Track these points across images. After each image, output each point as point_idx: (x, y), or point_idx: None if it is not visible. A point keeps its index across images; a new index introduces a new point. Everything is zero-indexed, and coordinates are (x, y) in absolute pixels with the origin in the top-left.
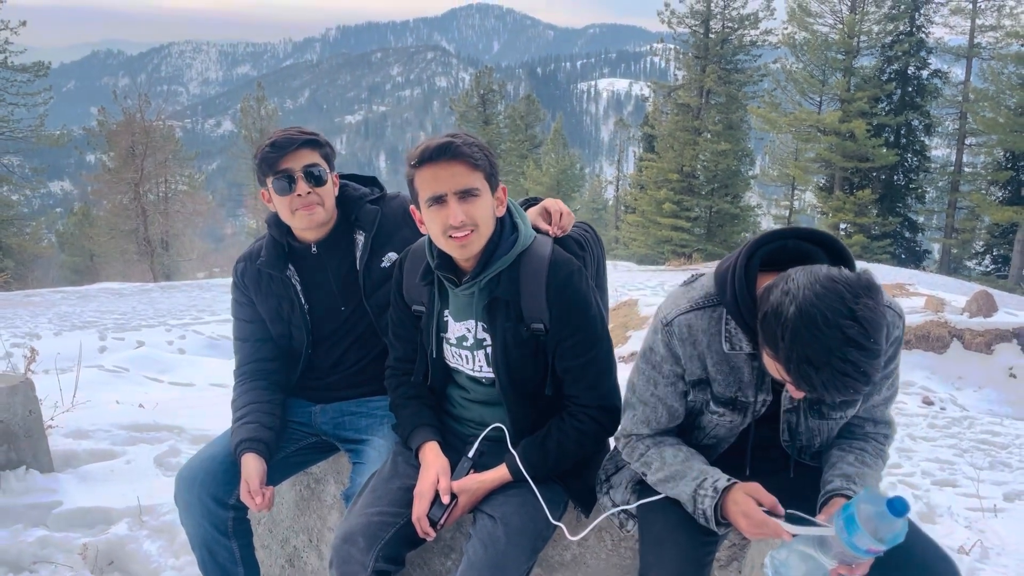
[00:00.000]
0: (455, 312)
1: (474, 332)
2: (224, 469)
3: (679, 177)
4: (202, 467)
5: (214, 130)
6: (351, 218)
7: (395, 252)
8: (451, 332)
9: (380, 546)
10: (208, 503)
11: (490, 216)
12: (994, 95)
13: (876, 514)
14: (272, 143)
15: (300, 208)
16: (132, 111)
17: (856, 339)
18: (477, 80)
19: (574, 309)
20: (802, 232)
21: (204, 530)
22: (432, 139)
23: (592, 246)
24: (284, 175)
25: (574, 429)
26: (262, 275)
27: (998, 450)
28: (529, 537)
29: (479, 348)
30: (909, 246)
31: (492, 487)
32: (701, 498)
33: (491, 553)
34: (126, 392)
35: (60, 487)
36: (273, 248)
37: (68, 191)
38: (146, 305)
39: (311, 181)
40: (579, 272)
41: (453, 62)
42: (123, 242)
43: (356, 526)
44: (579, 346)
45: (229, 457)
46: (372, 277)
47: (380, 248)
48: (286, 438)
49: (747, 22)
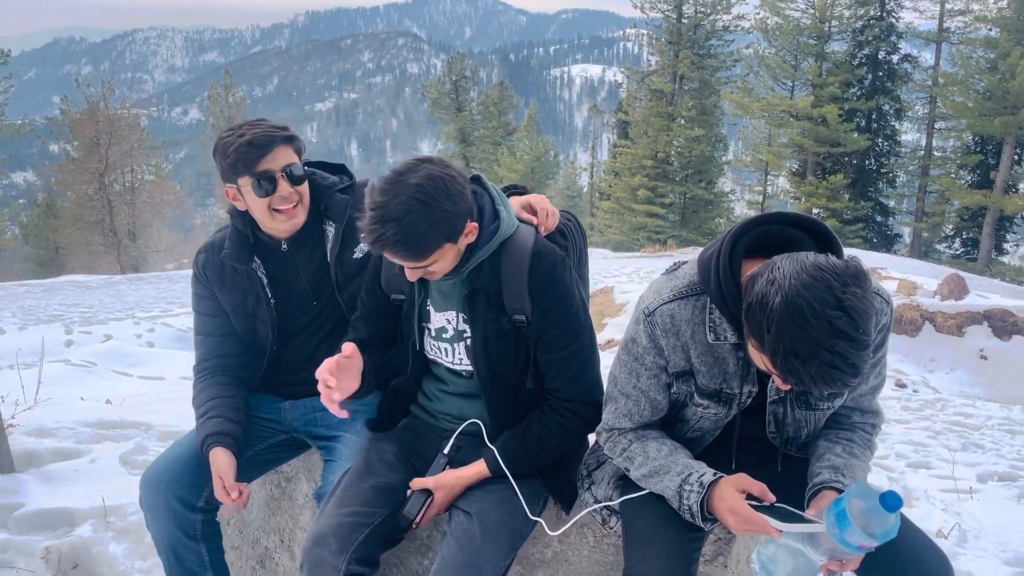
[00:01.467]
0: (436, 302)
1: (455, 323)
2: (191, 470)
3: (653, 163)
4: (168, 469)
5: (181, 118)
6: (320, 208)
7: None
8: (432, 323)
9: (353, 548)
10: (175, 506)
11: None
12: (963, 79)
13: (868, 509)
14: (250, 142)
15: (281, 211)
16: (96, 99)
17: (844, 330)
18: (449, 66)
19: (557, 300)
20: (787, 217)
21: (171, 534)
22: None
23: (575, 236)
24: (265, 176)
25: (556, 424)
26: (225, 267)
27: (971, 431)
28: (507, 534)
29: (459, 340)
30: (881, 230)
31: (470, 483)
32: (687, 494)
33: (466, 551)
34: (94, 387)
35: (21, 488)
36: (237, 239)
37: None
38: (113, 298)
39: (292, 181)
40: (562, 262)
41: (425, 48)
42: (89, 233)
43: (327, 527)
44: (561, 338)
45: (196, 457)
46: (344, 270)
47: (351, 239)
48: (254, 435)
49: (719, 7)
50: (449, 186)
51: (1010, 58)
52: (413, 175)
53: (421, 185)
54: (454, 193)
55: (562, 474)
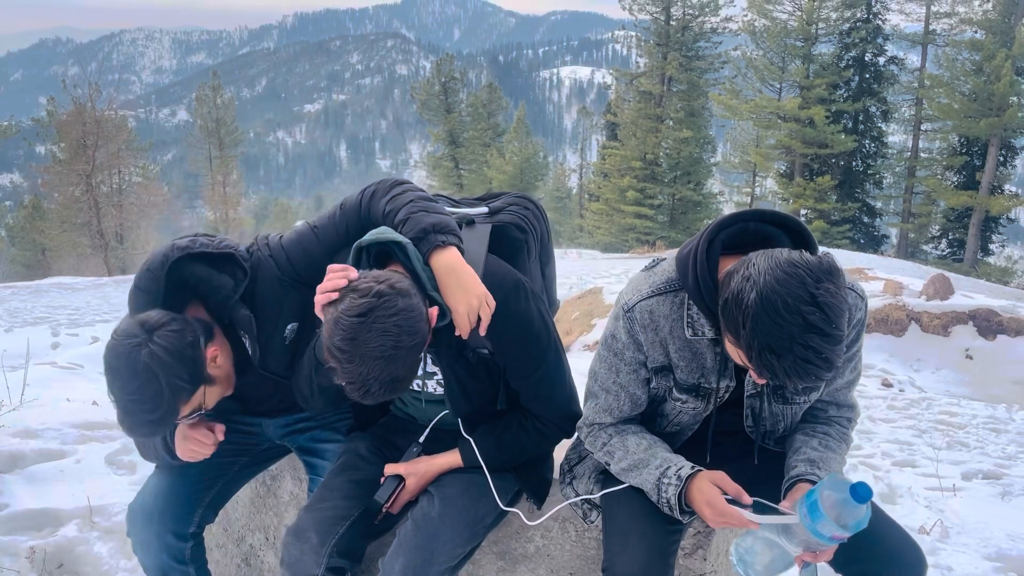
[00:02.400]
0: None
1: (422, 366)
2: (182, 502)
3: (642, 165)
4: (155, 503)
5: (169, 120)
6: (224, 322)
7: (292, 321)
8: None
9: (334, 541)
10: (168, 539)
11: None
12: (949, 81)
13: (839, 501)
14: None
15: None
16: (82, 100)
17: (818, 325)
18: (438, 68)
19: (514, 331)
20: (763, 214)
21: (162, 562)
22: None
23: (533, 224)
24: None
25: (535, 429)
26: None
27: (956, 430)
28: (467, 521)
29: (429, 378)
30: (868, 231)
31: (441, 470)
32: (665, 487)
33: (421, 534)
34: (80, 389)
35: (6, 489)
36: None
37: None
38: (100, 300)
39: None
40: (514, 290)
41: (413, 50)
42: (75, 235)
43: (307, 522)
44: (527, 365)
45: (185, 487)
46: (279, 362)
47: (272, 335)
48: (235, 452)
49: (707, 9)
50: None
51: (995, 60)
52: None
53: (388, 332)
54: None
55: (536, 470)
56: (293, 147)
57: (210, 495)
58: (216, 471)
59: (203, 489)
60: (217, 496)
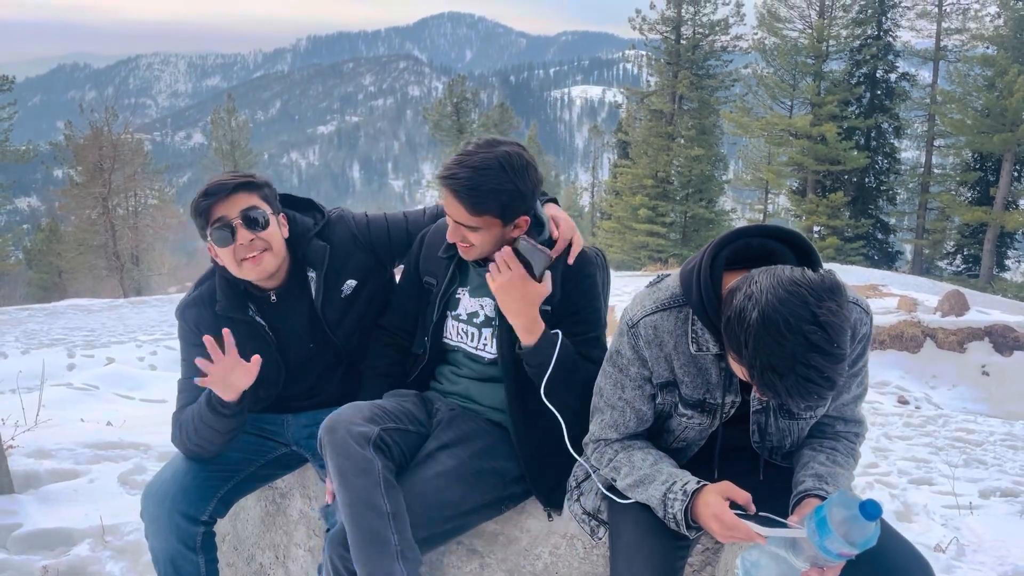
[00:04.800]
0: (472, 288)
1: (487, 310)
2: (196, 484)
3: (654, 183)
4: (172, 482)
5: (184, 143)
6: (299, 255)
7: (353, 279)
8: (462, 308)
9: (384, 425)
10: (178, 520)
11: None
12: (961, 97)
13: (848, 517)
14: (204, 191)
15: (246, 259)
16: (99, 125)
17: (819, 344)
18: (450, 89)
19: (582, 292)
20: (766, 230)
21: (172, 546)
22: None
23: (603, 265)
24: (222, 224)
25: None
26: (221, 320)
27: (973, 447)
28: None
29: (488, 326)
30: (881, 247)
31: (528, 318)
32: (671, 502)
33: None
34: (95, 410)
35: (20, 508)
36: (228, 290)
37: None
38: (116, 321)
39: (251, 227)
40: (593, 259)
41: (426, 71)
42: (92, 257)
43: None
44: (581, 325)
45: (200, 470)
46: (334, 312)
47: (335, 282)
48: (253, 452)
49: (717, 28)
50: (529, 173)
51: (1007, 76)
52: (506, 146)
53: (509, 155)
54: (530, 179)
55: (550, 475)
56: (307, 168)
57: (224, 489)
58: (233, 465)
59: (219, 480)
60: (230, 492)
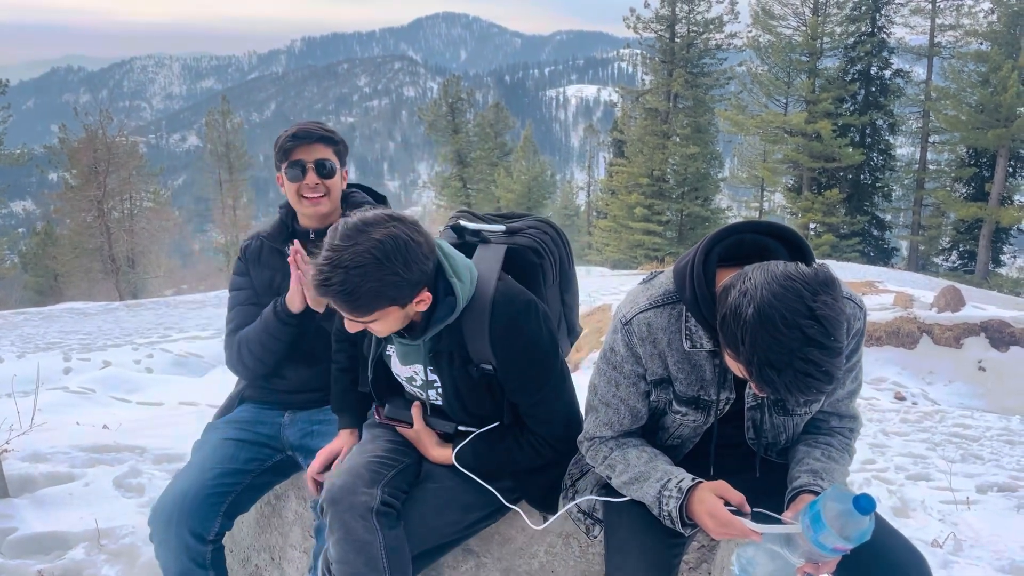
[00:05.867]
0: (400, 356)
1: (422, 375)
2: (199, 504)
3: (649, 181)
4: (177, 504)
5: (179, 145)
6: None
7: None
8: (398, 369)
9: (385, 481)
10: (188, 540)
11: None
12: (955, 93)
13: (842, 512)
14: (292, 134)
15: (307, 197)
16: (94, 128)
17: (816, 338)
18: (445, 89)
19: (520, 350)
20: (759, 226)
21: (183, 564)
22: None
23: (551, 249)
24: (297, 164)
25: (530, 446)
26: (264, 247)
27: (969, 443)
28: (448, 520)
29: (430, 388)
30: (877, 244)
31: (433, 460)
32: (666, 499)
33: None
34: (92, 413)
35: (15, 513)
36: (279, 225)
37: (30, 210)
38: (112, 324)
39: (321, 173)
40: (524, 309)
41: (420, 72)
42: (87, 261)
43: (356, 463)
44: (528, 385)
45: (204, 490)
46: None
47: None
48: (252, 461)
49: (712, 26)
50: (410, 252)
51: (1001, 71)
52: (377, 230)
53: (382, 243)
54: (412, 260)
55: (538, 478)
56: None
57: (227, 503)
58: (231, 478)
59: (221, 495)
60: (232, 505)
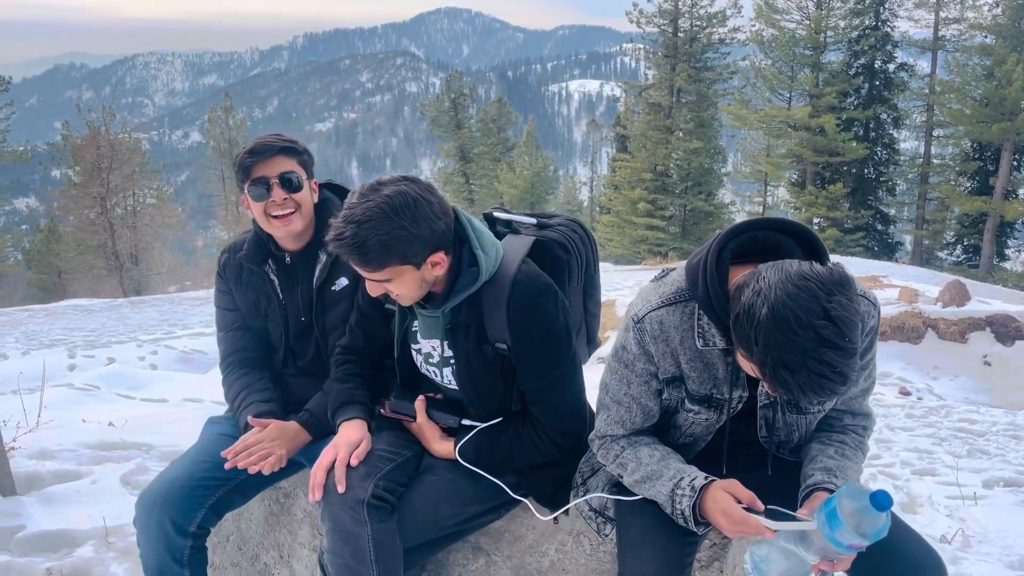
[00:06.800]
0: (422, 329)
1: (439, 350)
2: (185, 494)
3: (652, 176)
4: (163, 490)
5: (182, 141)
6: (320, 233)
7: (347, 279)
8: (421, 343)
9: (381, 473)
10: (167, 529)
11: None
12: (960, 87)
13: (859, 509)
14: (250, 149)
15: (276, 216)
16: (97, 125)
17: (831, 339)
18: (447, 84)
19: (535, 331)
20: (773, 222)
21: (159, 556)
22: None
23: (579, 247)
24: (260, 182)
25: (529, 440)
26: (243, 268)
27: (975, 438)
28: (446, 512)
29: (446, 365)
30: (882, 238)
31: (433, 449)
32: (679, 498)
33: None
34: (96, 410)
35: (23, 510)
36: (255, 243)
37: (33, 207)
38: (116, 321)
39: (287, 187)
40: (544, 291)
41: (423, 67)
42: (91, 258)
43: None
44: (539, 368)
45: (192, 480)
46: (324, 299)
47: (337, 271)
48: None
49: (715, 20)
50: (418, 208)
51: (1006, 65)
52: (388, 188)
53: (391, 198)
54: (421, 217)
55: (544, 473)
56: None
57: (215, 497)
58: (224, 473)
59: (210, 488)
60: (221, 501)
